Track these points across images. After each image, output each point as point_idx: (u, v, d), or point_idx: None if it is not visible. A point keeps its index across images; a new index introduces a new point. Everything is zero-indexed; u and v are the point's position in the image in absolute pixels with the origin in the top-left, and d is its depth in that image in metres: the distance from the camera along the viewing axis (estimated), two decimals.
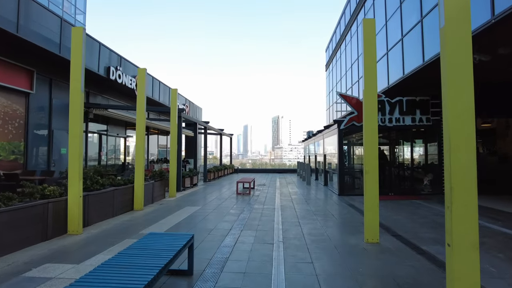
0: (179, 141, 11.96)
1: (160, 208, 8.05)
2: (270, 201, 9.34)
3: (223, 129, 20.55)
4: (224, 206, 8.28)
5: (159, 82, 18.36)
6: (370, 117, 5.11)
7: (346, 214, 7.31)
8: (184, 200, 9.36)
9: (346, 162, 11.93)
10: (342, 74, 19.58)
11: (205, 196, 10.31)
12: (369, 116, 5.11)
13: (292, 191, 11.91)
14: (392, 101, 10.74)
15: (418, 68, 8.78)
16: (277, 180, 17.70)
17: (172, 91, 10.70)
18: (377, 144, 5.11)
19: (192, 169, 13.29)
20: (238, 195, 10.72)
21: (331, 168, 13.57)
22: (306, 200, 9.50)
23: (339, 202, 9.13)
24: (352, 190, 11.31)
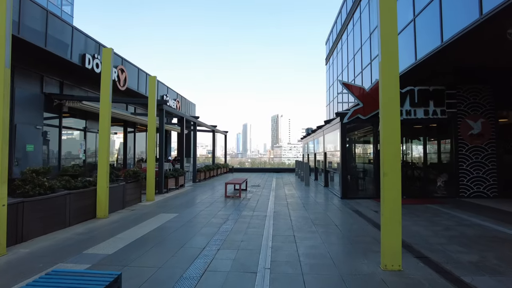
0: (161, 137, 10.63)
1: (129, 215, 6.73)
2: (262, 206, 8.02)
3: (216, 126, 19.21)
4: (206, 213, 6.96)
5: (146, 74, 17.00)
6: (389, 106, 3.80)
7: (353, 224, 6.00)
8: (162, 206, 8.04)
9: (354, 162, 10.61)
10: (343, 66, 18.25)
11: (188, 200, 8.99)
12: (389, 105, 3.80)
13: (289, 194, 10.59)
14: (402, 91, 9.43)
15: (435, 50, 7.46)
16: (273, 180, 16.39)
17: (150, 79, 9.37)
18: (399, 139, 3.80)
19: (177, 168, 11.97)
20: (227, 198, 9.41)
21: (332, 168, 12.26)
22: (304, 205, 8.19)
23: (343, 208, 7.83)
24: (356, 192, 10.01)
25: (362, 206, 8.03)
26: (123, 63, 14.22)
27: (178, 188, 11.72)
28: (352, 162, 10.36)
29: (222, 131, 22.25)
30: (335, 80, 20.94)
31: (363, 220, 6.29)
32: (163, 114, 10.50)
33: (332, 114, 21.28)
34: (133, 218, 6.39)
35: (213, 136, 19.19)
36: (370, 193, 9.76)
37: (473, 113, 9.45)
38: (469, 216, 6.66)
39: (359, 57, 15.07)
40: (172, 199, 9.10)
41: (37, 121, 10.11)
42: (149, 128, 9.04)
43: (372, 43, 13.33)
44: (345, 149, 9.62)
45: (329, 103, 22.64)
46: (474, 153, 9.36)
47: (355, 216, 6.70)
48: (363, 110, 9.46)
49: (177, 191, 11.13)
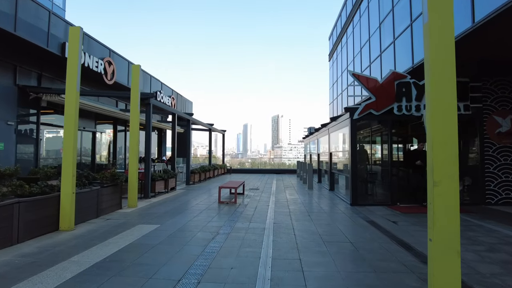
0: (147, 134, 9.50)
1: (101, 227, 5.60)
2: (260, 214, 6.88)
3: (213, 124, 18.08)
4: (193, 225, 5.82)
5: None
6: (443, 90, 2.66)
7: (371, 240, 4.85)
8: (144, 214, 6.91)
9: (366, 164, 9.46)
10: (349, 60, 17.12)
11: (175, 207, 7.85)
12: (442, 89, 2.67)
13: (291, 199, 9.45)
14: (420, 84, 8.29)
15: (464, 33, 6.32)
16: (273, 182, 15.24)
17: (133, 68, 8.23)
18: (456, 136, 2.67)
19: (168, 170, 10.84)
20: (221, 204, 8.27)
21: (337, 169, 11.13)
22: (309, 214, 7.05)
23: (354, 217, 6.68)
24: (367, 198, 8.86)
25: (377, 216, 6.89)
26: (111, 55, 13.10)
27: (168, 191, 10.58)
28: (363, 163, 9.22)
29: (220, 130, 21.12)
30: (339, 76, 19.82)
31: (382, 235, 5.15)
32: (150, 109, 9.37)
33: (336, 112, 20.14)
34: (104, 231, 5.25)
35: (209, 135, 18.06)
36: (382, 199, 8.62)
37: (501, 109, 8.31)
38: (511, 231, 5.51)
39: (367, 50, 13.95)
40: (158, 206, 7.97)
41: (8, 116, 9.00)
42: (132, 124, 7.91)
43: (382, 33, 12.21)
44: (355, 149, 8.47)
45: (333, 100, 21.51)
46: (503, 154, 8.22)
47: (372, 230, 5.56)
48: (376, 104, 8.33)
49: (166, 195, 10.00)
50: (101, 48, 12.54)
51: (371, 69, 13.32)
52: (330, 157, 11.52)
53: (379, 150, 10.24)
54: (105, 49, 12.81)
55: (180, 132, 20.55)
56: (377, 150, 10.34)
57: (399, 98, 8.28)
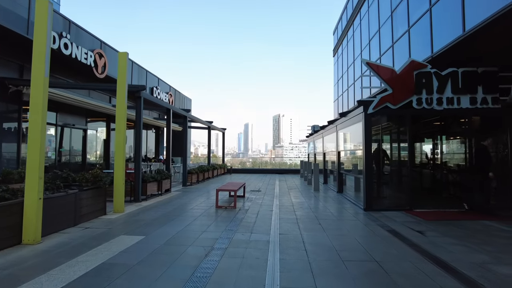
0: (137, 131, 8.61)
1: (74, 238, 4.71)
2: (263, 222, 5.98)
3: (212, 122, 17.19)
4: (183, 237, 4.93)
5: (131, 62, 15.00)
6: None
7: (401, 260, 3.94)
8: (129, 221, 6.01)
9: (384, 163, 8.55)
10: (356, 54, 16.18)
11: (167, 213, 6.96)
12: None
13: (296, 202, 8.55)
14: (443, 74, 7.38)
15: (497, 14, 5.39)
16: (276, 183, 14.33)
17: (120, 56, 7.32)
18: None
19: (161, 170, 9.95)
20: (219, 209, 7.37)
21: (346, 170, 10.22)
22: (319, 221, 6.14)
23: (372, 226, 5.77)
24: (381, 202, 7.95)
25: (397, 223, 5.98)
26: (102, 47, 12.22)
27: (162, 194, 9.69)
28: (381, 164, 8.31)
29: (220, 128, 20.23)
30: (345, 71, 18.89)
31: (412, 251, 4.24)
32: (140, 103, 8.47)
33: (342, 109, 19.21)
34: (76, 245, 4.36)
35: (208, 133, 17.17)
36: (399, 203, 7.71)
37: None
38: None
39: (376, 42, 13.02)
40: (148, 211, 7.07)
41: None
42: (118, 119, 7.01)
43: (394, 22, 11.28)
44: (370, 147, 7.55)
45: (338, 97, 20.58)
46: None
47: (397, 243, 4.65)
48: (393, 97, 7.41)
49: (159, 198, 9.10)
50: (91, 39, 11.66)
51: (381, 62, 12.38)
52: (338, 157, 10.60)
53: (395, 148, 9.31)
54: (95, 40, 11.93)
55: (178, 130, 19.67)
56: (393, 148, 9.41)
57: (419, 90, 7.37)
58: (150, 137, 19.87)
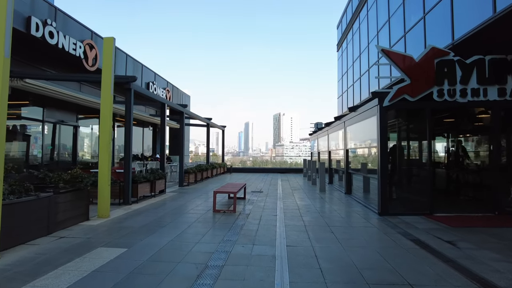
0: (127, 127, 7.84)
1: (43, 252, 3.94)
2: (267, 230, 5.20)
3: (211, 118, 16.41)
4: (173, 249, 4.16)
5: (125, 55, 14.21)
6: None
7: (443, 284, 3.16)
8: (113, 229, 5.24)
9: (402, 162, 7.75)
10: (363, 47, 15.36)
11: (158, 218, 6.19)
12: None
13: (302, 205, 7.77)
14: (467, 62, 6.58)
15: None
16: (278, 183, 13.56)
17: (105, 42, 6.51)
18: None
19: (155, 169, 9.18)
20: (216, 213, 6.60)
21: (355, 170, 9.44)
22: (331, 229, 5.36)
23: (393, 235, 4.99)
24: (398, 206, 7.15)
25: (420, 231, 5.21)
26: (93, 38, 11.43)
27: (155, 195, 8.92)
28: (399, 163, 7.52)
29: (220, 126, 19.45)
30: (350, 66, 18.08)
31: (449, 270, 3.46)
32: (130, 96, 7.69)
33: (346, 105, 18.41)
34: (41, 261, 3.59)
35: (207, 131, 16.39)
36: (417, 207, 6.92)
37: None
38: None
39: (386, 33, 12.21)
40: (137, 215, 6.30)
41: None
42: (103, 113, 6.23)
43: (406, 11, 10.47)
44: (386, 144, 6.76)
45: (343, 93, 19.78)
46: None
47: (429, 258, 3.87)
48: (411, 88, 6.62)
49: (152, 200, 8.33)
50: (80, 29, 10.86)
51: None
52: (346, 155, 9.81)
53: (413, 146, 8.52)
54: (85, 30, 11.14)
55: (175, 127, 18.89)
56: (411, 146, 8.61)
57: (440, 80, 6.58)
58: (147, 135, 19.09)
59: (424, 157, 7.23)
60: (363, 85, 14.98)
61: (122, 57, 13.89)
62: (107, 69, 6.30)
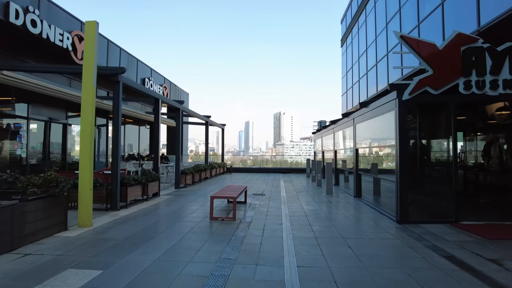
0: (115, 125, 7.07)
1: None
2: (272, 244, 4.43)
3: (210, 116, 15.63)
4: (159, 271, 3.39)
5: (119, 49, 13.43)
6: None
7: None
8: (93, 242, 4.48)
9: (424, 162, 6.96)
10: (369, 41, 14.56)
11: (146, 227, 5.42)
12: None
13: (310, 211, 7.01)
14: (499, 50, 5.78)
15: None
16: (281, 184, 12.79)
17: (87, 27, 5.68)
18: None
19: (147, 170, 8.41)
20: (214, 221, 5.83)
21: (367, 171, 8.67)
22: (348, 242, 4.59)
23: (422, 249, 4.22)
24: (418, 212, 6.36)
25: (451, 244, 4.44)
26: (82, 29, 10.65)
27: (148, 199, 8.15)
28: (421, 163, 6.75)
29: (219, 124, 18.69)
30: (355, 62, 17.28)
31: None
32: (119, 90, 6.91)
33: (352, 103, 17.63)
34: None
35: (206, 129, 15.61)
36: (439, 213, 6.15)
37: None
38: None
39: (396, 24, 11.41)
40: (123, 224, 5.54)
41: None
42: (84, 108, 5.46)
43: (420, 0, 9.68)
44: (405, 142, 5.99)
45: (347, 90, 18.99)
46: None
47: (477, 284, 3.10)
48: (435, 79, 5.84)
49: (143, 205, 7.57)
50: (68, 19, 10.09)
51: (402, 47, 10.81)
52: (356, 155, 9.03)
53: (434, 145, 7.73)
54: (74, 21, 10.37)
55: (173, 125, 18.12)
56: (431, 145, 7.81)
57: (467, 70, 5.79)
58: (144, 134, 18.33)
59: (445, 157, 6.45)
60: (371, 80, 14.19)
61: (115, 51, 13.12)
62: (89, 57, 5.52)
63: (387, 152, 7.10)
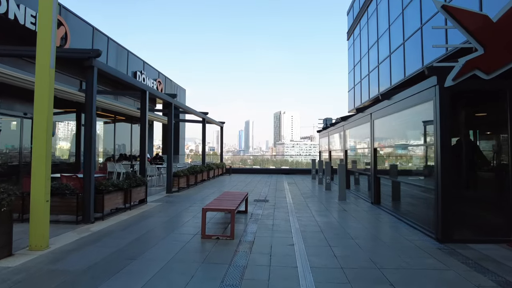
0: (87, 120, 5.85)
1: None
2: (284, 281, 3.22)
3: (207, 113, 14.40)
4: None
5: (107, 38, 12.19)
6: None
7: None
8: (35, 277, 3.26)
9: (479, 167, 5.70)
10: (381, 30, 13.32)
11: (118, 251, 4.19)
12: None
13: (325, 224, 5.78)
14: None
15: None
16: (285, 187, 11.56)
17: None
18: None
19: (131, 173, 7.19)
20: (206, 241, 4.60)
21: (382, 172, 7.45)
22: (386, 274, 3.37)
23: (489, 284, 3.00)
24: (462, 227, 5.12)
25: None
26: (61, 13, 9.43)
27: (131, 207, 6.92)
28: (464, 165, 5.48)
29: (218, 122, 17.44)
30: (364, 54, 16.05)
31: None
32: (92, 77, 5.68)
33: (360, 99, 16.40)
34: None
35: (203, 127, 14.38)
36: (490, 229, 4.93)
37: None
38: None
39: (416, 8, 10.16)
40: (88, 246, 4.31)
41: None
42: (37, 96, 4.23)
43: None
44: (448, 138, 4.76)
45: (354, 86, 17.76)
46: None
47: None
48: (486, 61, 4.60)
49: (125, 215, 6.34)
50: None
51: (422, 31, 9.58)
52: (374, 155, 7.81)
53: (482, 143, 6.47)
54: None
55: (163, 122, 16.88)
56: (478, 143, 6.55)
57: None
58: (137, 132, 17.07)
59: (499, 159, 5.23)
60: (383, 73, 12.96)
61: (101, 40, 11.88)
62: (44, 31, 4.30)
63: (417, 152, 5.88)
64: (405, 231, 5.31)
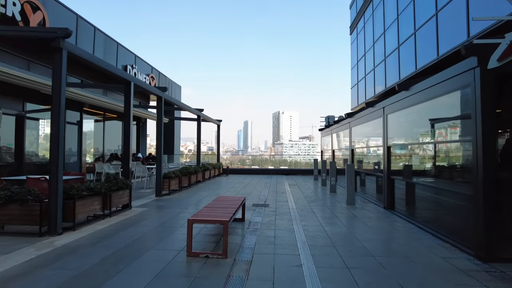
0: (54, 114, 4.96)
1: None
2: None
3: (202, 110, 13.49)
4: None
5: (94, 28, 11.26)
6: None
7: None
8: None
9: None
10: (388, 22, 12.45)
11: (80, 276, 3.29)
12: None
13: (335, 235, 4.91)
14: None
15: None
16: (286, 189, 10.67)
17: None
18: None
19: (113, 176, 6.28)
20: (192, 261, 3.71)
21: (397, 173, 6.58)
22: None
23: None
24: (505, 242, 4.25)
25: None
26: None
27: (111, 214, 6.01)
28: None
29: (215, 120, 16.52)
30: (368, 48, 15.19)
31: None
32: (61, 62, 4.79)
33: (364, 96, 15.54)
34: None
35: (198, 125, 13.47)
36: None
37: None
38: None
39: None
40: (41, 269, 3.41)
41: None
42: None
43: None
44: (493, 132, 3.88)
45: (358, 82, 16.90)
46: None
47: None
48: None
49: (102, 223, 5.44)
50: None
51: (438, 19, 8.72)
52: (388, 154, 6.93)
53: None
54: None
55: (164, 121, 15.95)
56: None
57: None
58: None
59: None
60: (390, 67, 12.10)
61: (87, 30, 10.97)
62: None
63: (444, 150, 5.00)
64: (432, 243, 4.44)
